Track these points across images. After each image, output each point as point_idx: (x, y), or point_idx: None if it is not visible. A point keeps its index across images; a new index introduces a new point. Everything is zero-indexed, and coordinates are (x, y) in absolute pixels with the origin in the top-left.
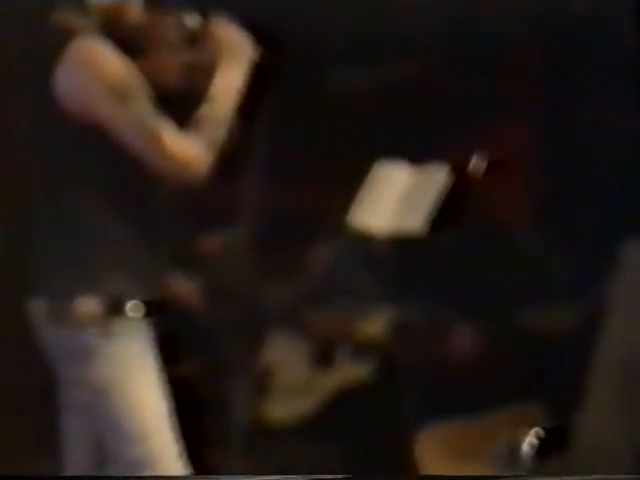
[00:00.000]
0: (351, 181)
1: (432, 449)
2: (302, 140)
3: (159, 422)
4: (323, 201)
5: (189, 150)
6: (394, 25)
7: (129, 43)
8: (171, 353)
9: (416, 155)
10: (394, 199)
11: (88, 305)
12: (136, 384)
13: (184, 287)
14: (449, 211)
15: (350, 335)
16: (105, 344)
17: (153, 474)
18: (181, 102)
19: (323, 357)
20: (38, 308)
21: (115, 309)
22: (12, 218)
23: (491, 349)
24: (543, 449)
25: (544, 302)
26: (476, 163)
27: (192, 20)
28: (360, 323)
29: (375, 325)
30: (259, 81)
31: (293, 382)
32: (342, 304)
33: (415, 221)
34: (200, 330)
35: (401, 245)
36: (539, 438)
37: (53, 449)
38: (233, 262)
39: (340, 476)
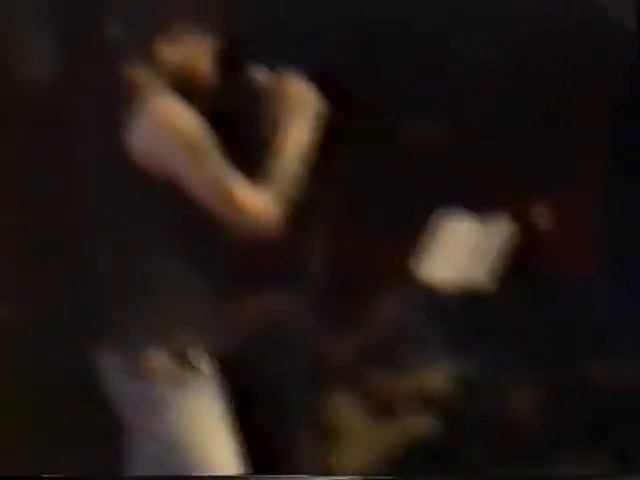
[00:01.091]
0: (416, 232)
1: None
2: (368, 191)
3: (228, 473)
4: (388, 252)
5: (259, 203)
6: (458, 78)
7: (200, 98)
8: (239, 405)
9: (481, 207)
10: (459, 250)
11: (159, 358)
12: (205, 435)
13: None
14: (513, 262)
15: (413, 387)
16: (175, 396)
17: None
18: (251, 154)
19: (386, 409)
20: (108, 360)
21: (185, 362)
22: (82, 271)
23: (556, 401)
24: None
25: (609, 354)
26: (540, 215)
27: (261, 74)
28: (424, 375)
29: (439, 378)
30: (326, 134)
31: (357, 433)
32: (406, 356)
33: (479, 273)
34: (267, 382)
35: (465, 296)
36: None
37: None
38: (299, 314)
39: None
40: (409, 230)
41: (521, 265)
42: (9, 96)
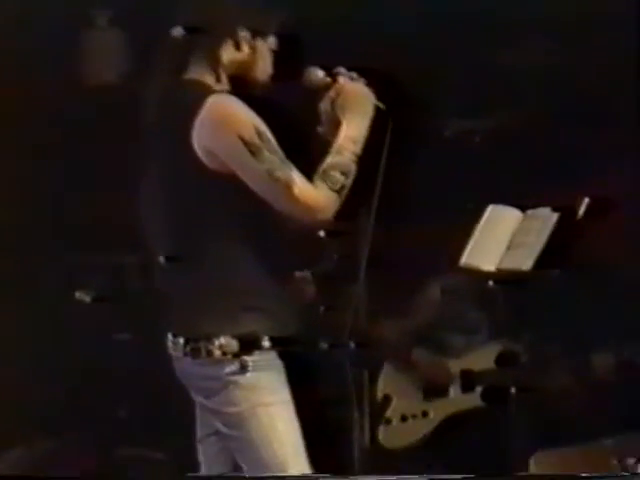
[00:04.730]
0: (463, 224)
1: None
2: (416, 185)
3: (293, 448)
4: (435, 242)
5: (317, 197)
6: (501, 79)
7: (259, 97)
8: (300, 384)
9: (524, 199)
10: (504, 240)
11: (225, 341)
12: (271, 413)
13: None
14: (555, 250)
15: (461, 367)
16: (241, 377)
17: None
18: (308, 152)
19: (435, 388)
20: (177, 345)
21: (250, 344)
22: (151, 260)
23: (596, 380)
24: None
25: None
26: (580, 205)
27: (318, 74)
28: (470, 356)
29: (485, 358)
30: (377, 131)
31: (408, 411)
32: (452, 339)
33: (524, 261)
34: (321, 362)
35: (509, 283)
36: None
37: (193, 471)
38: (351, 298)
39: None
40: (456, 222)
41: (563, 252)
42: (79, 97)
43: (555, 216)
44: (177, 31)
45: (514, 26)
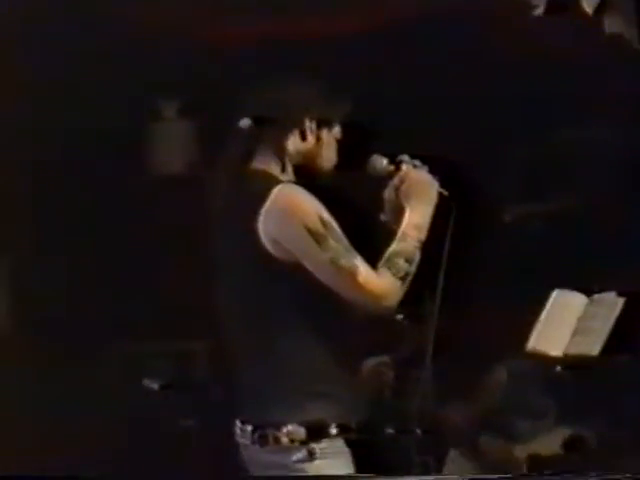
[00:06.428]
0: (529, 308)
1: None
2: (480, 270)
3: None
4: (501, 327)
5: (381, 285)
6: (562, 162)
7: (324, 185)
8: (366, 470)
9: (589, 283)
10: (570, 325)
11: (292, 429)
12: None
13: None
14: (622, 335)
15: (527, 452)
16: (309, 465)
17: None
18: (373, 239)
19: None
20: (245, 432)
21: (318, 432)
22: (216, 347)
23: None
24: None
25: None
26: None
27: (383, 163)
28: (537, 441)
29: (552, 443)
30: (441, 217)
31: None
32: (520, 423)
33: (591, 347)
34: (390, 448)
35: (577, 368)
36: None
37: None
38: (415, 385)
39: None
40: (521, 306)
41: (629, 337)
42: (146, 188)
43: (621, 301)
44: (244, 122)
45: (575, 107)
